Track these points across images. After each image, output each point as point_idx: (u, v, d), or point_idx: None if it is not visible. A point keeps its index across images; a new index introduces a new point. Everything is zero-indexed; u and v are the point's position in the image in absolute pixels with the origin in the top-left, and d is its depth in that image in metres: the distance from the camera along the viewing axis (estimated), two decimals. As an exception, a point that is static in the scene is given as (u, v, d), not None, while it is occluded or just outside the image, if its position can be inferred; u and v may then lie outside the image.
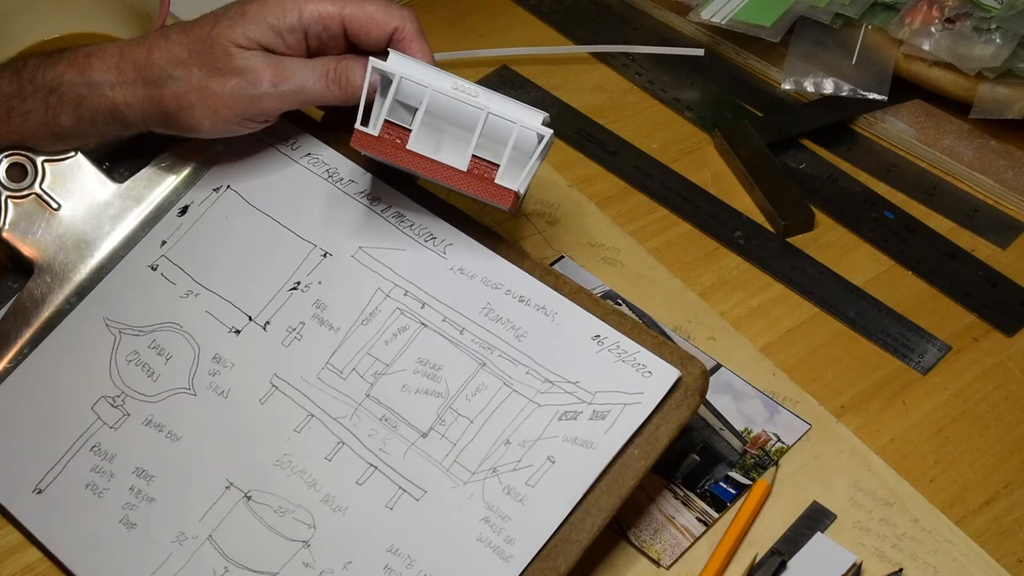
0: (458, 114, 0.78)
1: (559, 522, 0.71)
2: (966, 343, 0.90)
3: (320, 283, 0.82)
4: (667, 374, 0.75)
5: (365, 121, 0.78)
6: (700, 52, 1.11)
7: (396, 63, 0.78)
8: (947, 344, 0.89)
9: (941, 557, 0.77)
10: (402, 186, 0.85)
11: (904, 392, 0.87)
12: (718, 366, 0.87)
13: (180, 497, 0.76)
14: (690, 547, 0.78)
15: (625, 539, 0.78)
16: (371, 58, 0.78)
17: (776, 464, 0.82)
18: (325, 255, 0.83)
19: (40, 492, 0.78)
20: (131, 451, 0.78)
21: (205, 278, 0.83)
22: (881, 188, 1.01)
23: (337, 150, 0.87)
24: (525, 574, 0.70)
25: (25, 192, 0.85)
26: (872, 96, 1.06)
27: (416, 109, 0.78)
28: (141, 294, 0.83)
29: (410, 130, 0.78)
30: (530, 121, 0.77)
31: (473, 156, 0.77)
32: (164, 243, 0.85)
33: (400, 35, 0.81)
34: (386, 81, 0.79)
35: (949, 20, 1.03)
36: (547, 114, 0.78)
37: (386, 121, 0.78)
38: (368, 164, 0.86)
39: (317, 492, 0.75)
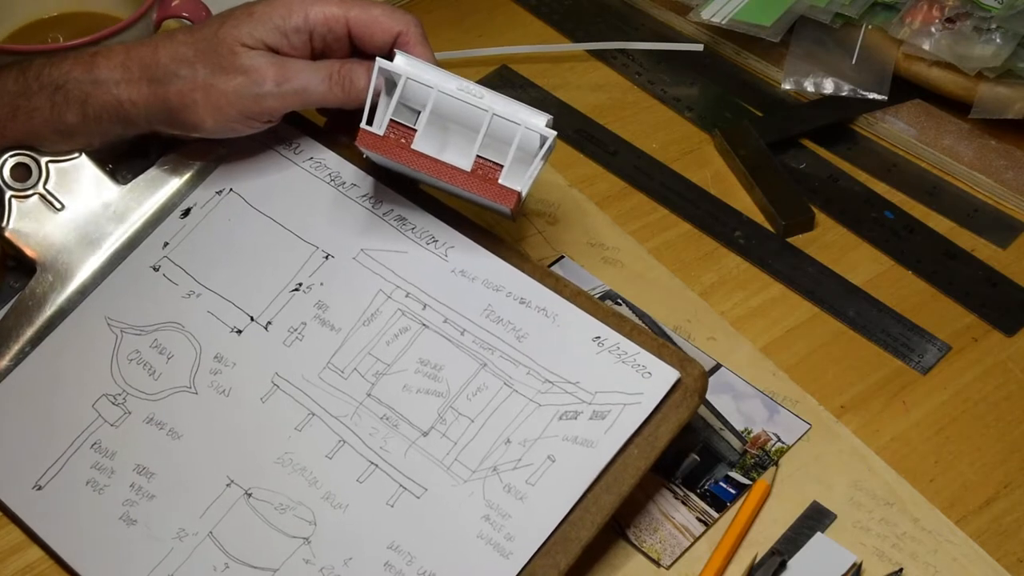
0: (462, 115, 0.79)
1: (559, 520, 0.72)
2: (966, 343, 0.90)
3: (322, 284, 0.82)
4: (667, 375, 0.75)
5: (370, 121, 0.78)
6: (699, 47, 1.12)
7: (402, 64, 0.79)
8: (947, 344, 0.90)
9: (941, 557, 0.77)
10: (404, 190, 0.85)
11: (904, 392, 0.87)
12: (718, 366, 0.87)
13: (181, 494, 0.77)
14: (690, 547, 0.78)
15: (625, 539, 0.78)
16: (378, 58, 0.78)
17: (776, 464, 0.82)
18: (327, 257, 0.83)
19: (40, 488, 0.78)
20: (132, 448, 0.78)
21: (207, 279, 0.84)
22: (881, 188, 1.01)
23: (339, 154, 0.88)
24: (525, 571, 0.71)
25: (29, 192, 0.85)
26: (872, 96, 1.06)
27: (419, 111, 0.79)
28: (143, 294, 0.84)
29: (415, 130, 0.78)
30: (534, 122, 0.78)
31: (477, 156, 0.78)
32: (166, 244, 0.86)
33: (404, 39, 0.81)
34: (390, 83, 0.80)
35: (949, 20, 1.04)
36: (551, 116, 0.78)
37: (391, 121, 0.78)
38: (370, 168, 0.86)
39: (318, 490, 0.75)
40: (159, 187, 0.88)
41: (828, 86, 1.07)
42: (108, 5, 1.04)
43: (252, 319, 0.82)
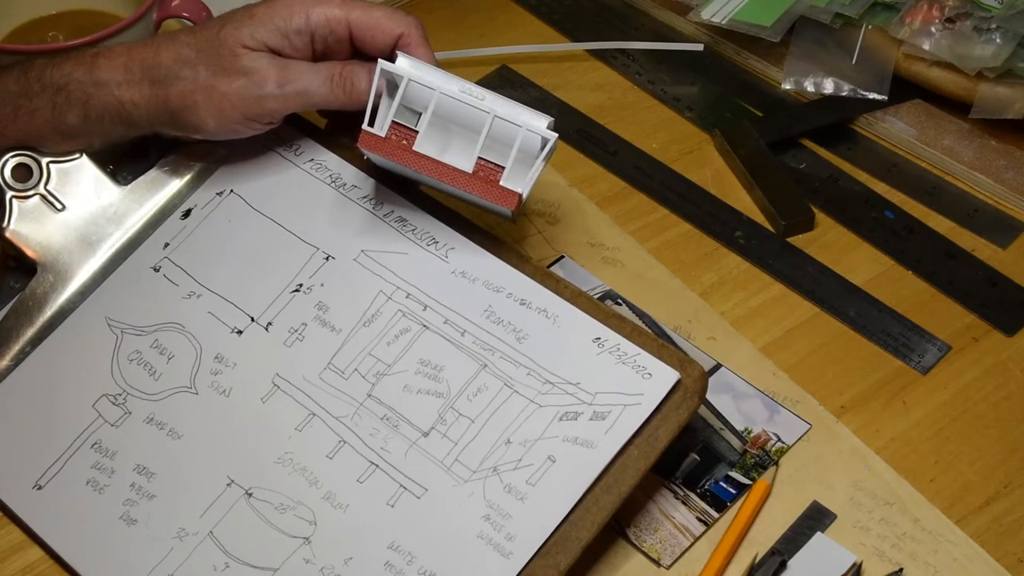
0: (464, 117, 0.79)
1: (559, 520, 0.72)
2: (966, 343, 0.90)
3: (322, 285, 0.82)
4: (667, 376, 0.75)
5: (371, 123, 0.79)
6: (699, 47, 1.12)
7: (404, 66, 0.79)
8: (947, 344, 0.90)
9: (941, 557, 0.77)
10: (405, 191, 0.85)
11: (904, 392, 0.87)
12: (718, 366, 0.87)
13: (181, 494, 0.77)
14: (690, 547, 0.78)
15: (625, 539, 0.78)
16: (380, 60, 0.78)
17: (776, 464, 0.82)
18: (328, 258, 0.83)
19: (40, 488, 0.78)
20: (132, 448, 0.78)
21: (207, 279, 0.84)
22: (881, 188, 1.01)
23: (340, 156, 0.88)
24: (525, 571, 0.71)
25: (30, 192, 0.85)
26: (872, 96, 1.06)
27: (420, 112, 0.80)
28: (143, 295, 0.84)
29: (417, 132, 0.78)
30: (535, 124, 0.78)
31: (478, 158, 0.78)
32: (167, 245, 0.86)
33: (405, 41, 0.82)
34: (392, 85, 0.80)
35: (949, 20, 1.04)
36: (552, 118, 0.78)
37: (393, 122, 0.79)
38: (370, 169, 0.87)
39: (318, 490, 0.76)
40: (160, 188, 0.88)
41: (828, 86, 1.07)
42: (108, 3, 1.04)
43: (253, 320, 0.82)
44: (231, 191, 0.87)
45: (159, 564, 0.74)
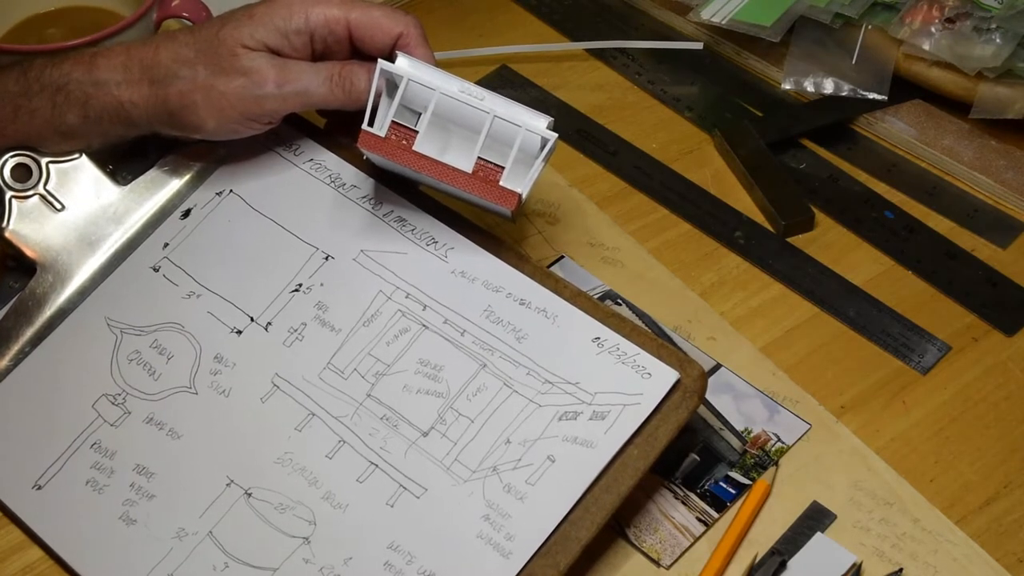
0: (463, 117, 0.79)
1: (559, 520, 0.72)
2: (966, 343, 0.90)
3: (322, 285, 0.82)
4: (666, 376, 0.75)
5: (371, 122, 0.79)
6: (699, 46, 1.12)
7: (404, 66, 0.79)
8: (947, 344, 0.90)
9: (941, 557, 0.77)
10: (404, 191, 0.85)
11: (904, 392, 0.87)
12: (718, 366, 0.87)
13: (180, 494, 0.77)
14: (690, 547, 0.78)
15: (625, 539, 0.78)
16: (380, 60, 0.78)
17: (776, 464, 0.82)
18: (327, 258, 0.83)
19: (40, 488, 0.78)
20: (132, 448, 0.78)
21: (207, 279, 0.84)
22: (881, 188, 1.01)
23: (339, 155, 0.88)
24: (525, 571, 0.71)
25: (29, 192, 0.85)
26: (872, 96, 1.06)
27: (419, 112, 0.80)
28: (143, 295, 0.84)
29: (416, 132, 0.79)
30: (535, 124, 0.78)
31: (478, 158, 0.78)
32: (166, 245, 0.86)
33: (404, 40, 0.82)
34: (392, 85, 0.80)
35: (949, 20, 1.04)
36: (551, 118, 0.78)
37: (393, 122, 0.79)
38: (370, 169, 0.87)
39: (318, 489, 0.76)
40: (159, 188, 0.88)
41: (828, 86, 1.07)
42: (107, 1, 1.04)
43: (252, 320, 0.82)
44: (230, 191, 0.87)
45: (159, 564, 0.74)
